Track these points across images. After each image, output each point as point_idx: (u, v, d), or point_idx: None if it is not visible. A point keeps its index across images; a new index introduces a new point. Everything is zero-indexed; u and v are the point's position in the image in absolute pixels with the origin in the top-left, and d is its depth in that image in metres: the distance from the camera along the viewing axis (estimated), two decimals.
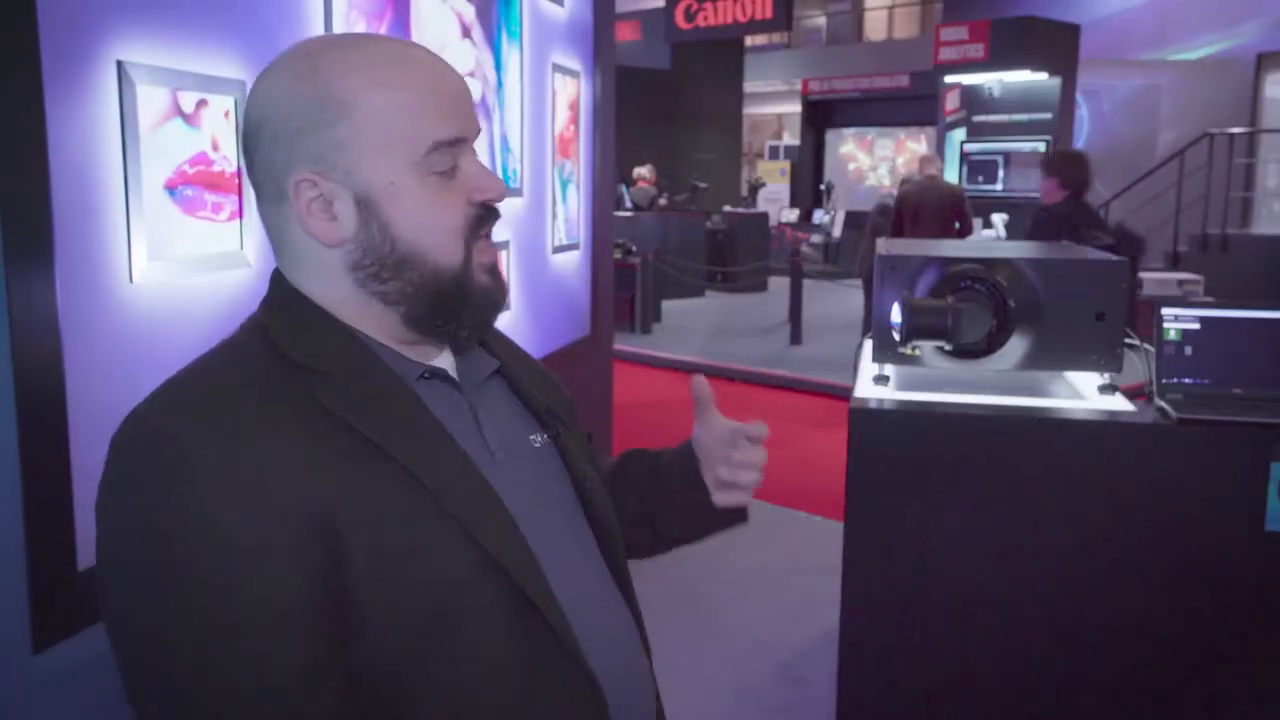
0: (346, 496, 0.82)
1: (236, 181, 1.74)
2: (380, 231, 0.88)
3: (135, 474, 0.81)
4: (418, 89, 0.89)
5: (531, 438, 1.02)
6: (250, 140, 0.90)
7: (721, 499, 1.14)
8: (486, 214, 0.93)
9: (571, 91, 3.78)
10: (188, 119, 1.60)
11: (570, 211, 3.84)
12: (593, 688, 0.92)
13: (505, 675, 0.87)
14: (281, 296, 0.92)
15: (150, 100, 1.56)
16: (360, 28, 2.15)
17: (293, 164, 0.87)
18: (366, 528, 0.82)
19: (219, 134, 1.68)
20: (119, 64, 1.51)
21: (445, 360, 0.98)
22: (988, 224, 8.18)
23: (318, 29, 2.01)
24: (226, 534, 0.78)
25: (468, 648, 0.85)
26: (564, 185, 3.75)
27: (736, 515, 1.18)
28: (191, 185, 1.61)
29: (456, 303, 0.91)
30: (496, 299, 0.95)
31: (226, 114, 1.70)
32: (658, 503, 1.18)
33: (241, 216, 1.76)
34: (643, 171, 12.49)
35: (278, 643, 0.78)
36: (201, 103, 1.62)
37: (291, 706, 0.78)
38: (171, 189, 1.58)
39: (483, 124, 2.86)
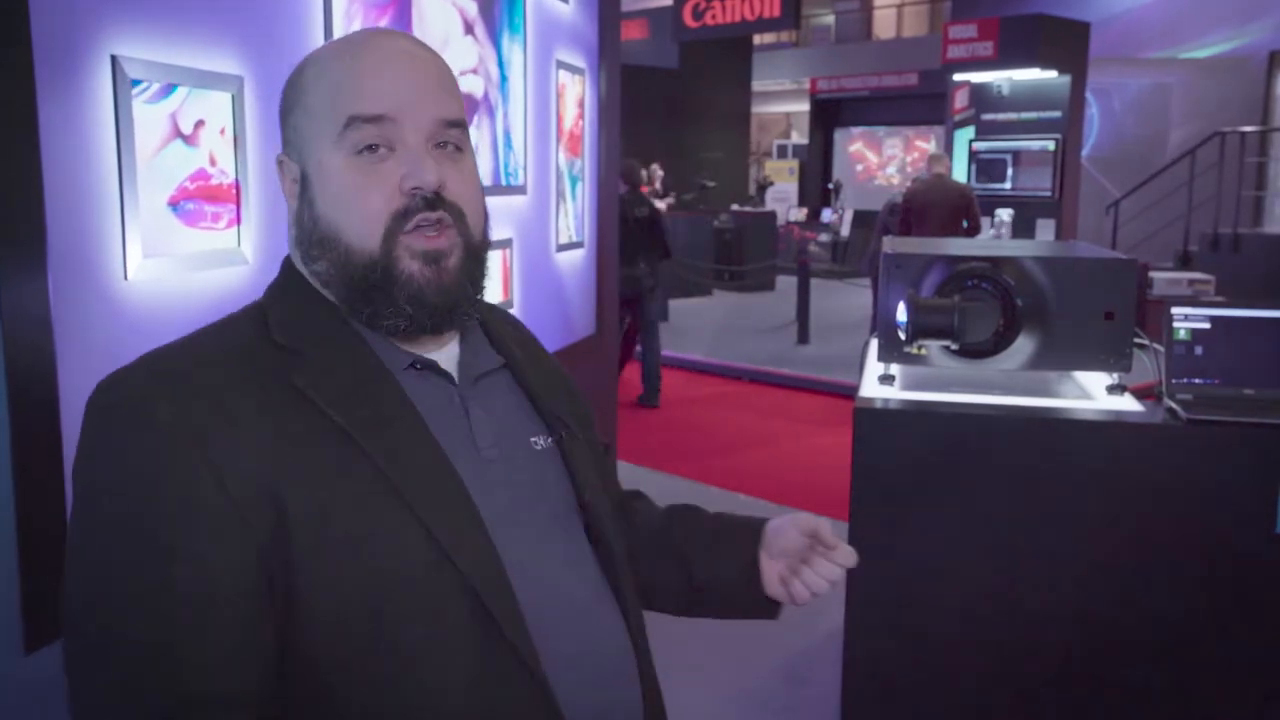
0: (298, 477, 0.81)
1: (234, 192, 1.77)
2: (308, 209, 0.90)
3: (98, 432, 0.82)
4: (351, 67, 0.89)
5: (533, 439, 0.98)
6: None
7: (791, 593, 1.11)
8: (421, 204, 0.88)
9: (581, 89, 3.76)
10: (187, 139, 1.64)
11: (580, 209, 3.82)
12: (549, 707, 0.86)
13: (451, 681, 0.83)
14: (284, 278, 0.94)
15: (150, 119, 1.58)
16: (359, 23, 2.14)
17: (281, 145, 0.94)
18: (314, 511, 0.81)
19: (216, 150, 1.72)
20: (113, 58, 1.49)
21: (449, 353, 0.95)
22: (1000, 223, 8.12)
23: (317, 24, 2.00)
24: (170, 496, 0.79)
25: (412, 648, 0.83)
26: (574, 182, 3.73)
27: (769, 609, 1.15)
28: (192, 200, 1.66)
29: (373, 289, 0.88)
30: (427, 291, 0.89)
31: (222, 131, 1.73)
32: (703, 572, 1.13)
33: (239, 222, 1.79)
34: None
35: (206, 612, 0.78)
36: (199, 123, 1.67)
37: (214, 681, 0.78)
38: (174, 205, 1.63)
39: (484, 121, 2.84)
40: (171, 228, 1.62)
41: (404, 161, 0.88)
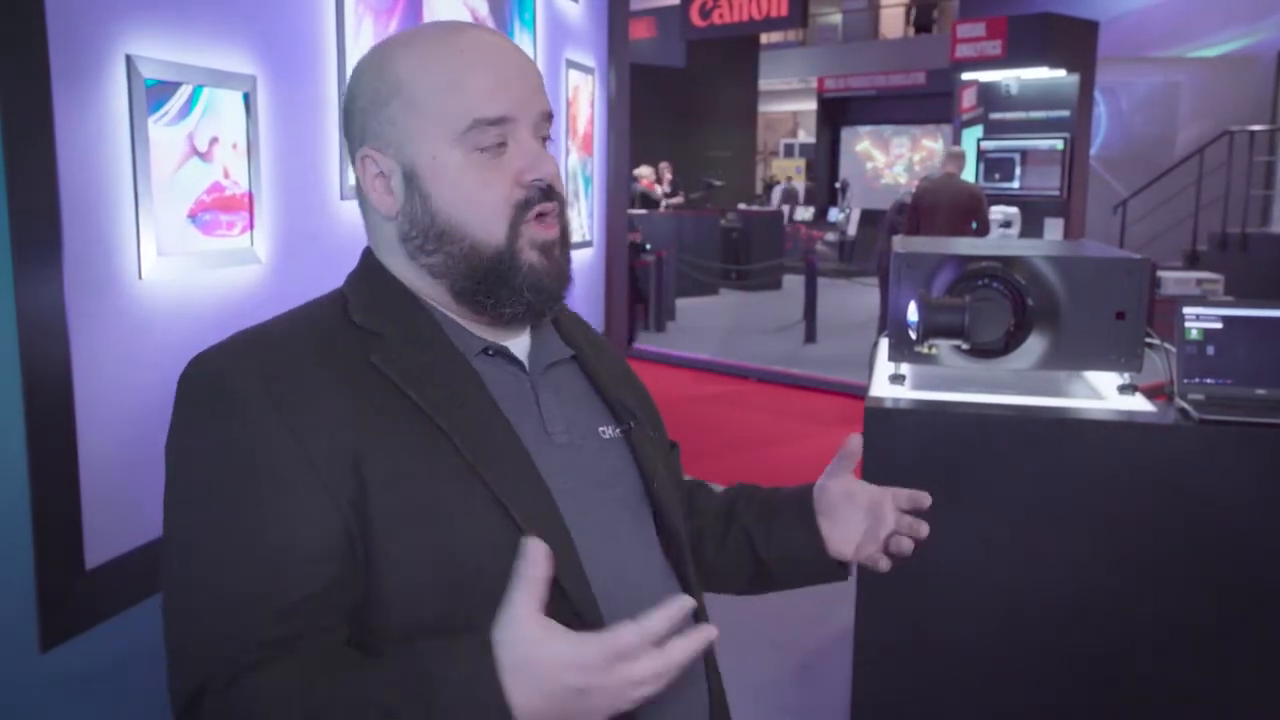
0: (377, 448, 0.84)
1: (247, 200, 1.81)
2: (421, 204, 0.92)
3: (184, 408, 0.87)
4: (462, 67, 0.91)
5: (601, 429, 1.01)
6: (343, 124, 0.99)
7: (864, 556, 1.10)
8: (539, 195, 0.93)
9: (591, 88, 3.76)
10: (203, 156, 1.70)
11: (590, 208, 3.83)
12: None
13: None
14: (364, 268, 0.98)
15: (169, 140, 1.61)
16: (369, 21, 2.14)
17: (361, 141, 0.94)
18: (391, 481, 0.83)
19: (229, 164, 1.76)
20: (128, 58, 1.50)
21: (521, 342, 0.99)
22: (1006, 223, 8.11)
23: (328, 24, 2.00)
24: (256, 460, 0.82)
25: (483, 621, 0.82)
26: (586, 182, 3.73)
27: (839, 571, 1.14)
28: (209, 211, 1.72)
29: (498, 279, 0.92)
30: (546, 279, 0.94)
31: (234, 146, 1.77)
32: (768, 549, 1.13)
33: (252, 228, 1.82)
34: (643, 170, 12.33)
35: (288, 568, 0.81)
36: (214, 140, 1.72)
37: (288, 626, 0.80)
38: (193, 217, 1.69)
39: None
40: (193, 238, 1.67)
41: (519, 155, 0.92)
